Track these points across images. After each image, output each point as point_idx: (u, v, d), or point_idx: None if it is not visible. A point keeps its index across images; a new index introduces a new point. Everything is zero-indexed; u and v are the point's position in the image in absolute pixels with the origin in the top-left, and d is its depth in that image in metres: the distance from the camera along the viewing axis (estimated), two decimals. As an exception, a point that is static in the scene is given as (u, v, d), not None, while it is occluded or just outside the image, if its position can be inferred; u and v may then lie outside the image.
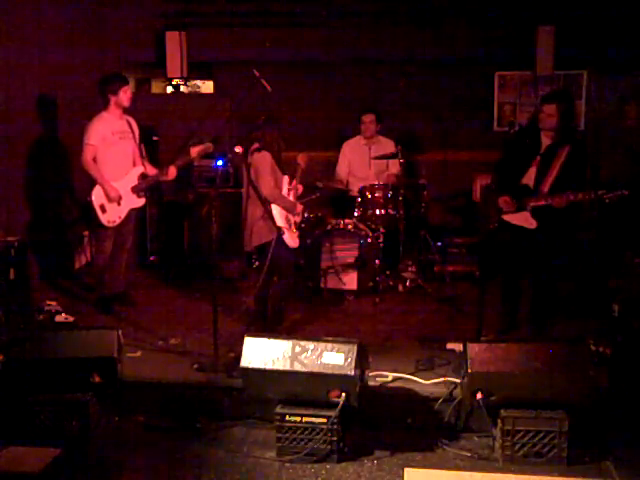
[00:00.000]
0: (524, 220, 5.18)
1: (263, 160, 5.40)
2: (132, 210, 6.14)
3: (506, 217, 5.23)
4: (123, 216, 6.04)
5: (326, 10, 8.00)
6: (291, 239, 5.52)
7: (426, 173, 7.42)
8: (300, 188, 5.81)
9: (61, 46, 7.13)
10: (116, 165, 5.98)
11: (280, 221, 5.44)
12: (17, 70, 6.44)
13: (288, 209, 5.56)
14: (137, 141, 6.16)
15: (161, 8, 8.27)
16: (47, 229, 6.83)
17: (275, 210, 5.45)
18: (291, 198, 5.66)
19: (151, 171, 6.18)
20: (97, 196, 5.91)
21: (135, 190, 6.06)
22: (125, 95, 5.97)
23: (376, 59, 8.16)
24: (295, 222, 5.68)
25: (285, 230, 5.42)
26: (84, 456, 4.13)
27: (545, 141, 5.19)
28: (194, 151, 5.94)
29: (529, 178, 5.20)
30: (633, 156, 7.00)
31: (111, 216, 5.97)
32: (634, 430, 4.20)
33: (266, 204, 5.39)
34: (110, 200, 5.92)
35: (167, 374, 4.82)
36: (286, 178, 5.65)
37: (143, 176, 6.11)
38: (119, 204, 5.99)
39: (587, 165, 5.18)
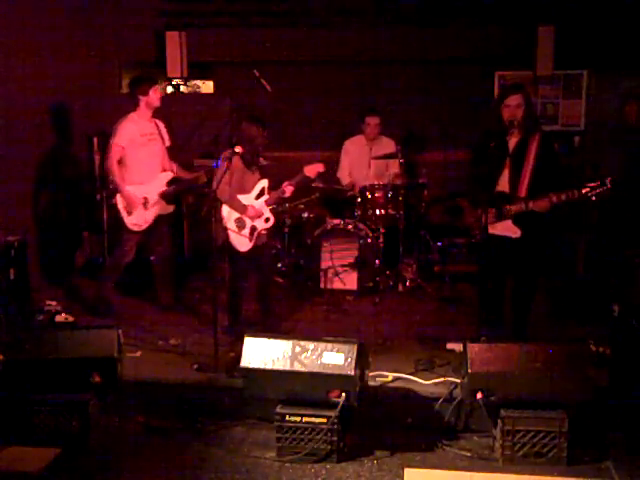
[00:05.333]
0: (507, 229, 4.99)
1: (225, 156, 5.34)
2: (161, 217, 5.97)
3: (489, 229, 4.96)
4: (150, 221, 5.89)
5: (326, 10, 8.00)
6: (237, 241, 5.46)
7: (426, 173, 7.41)
8: (290, 190, 5.63)
9: (60, 46, 7.13)
10: (144, 168, 5.85)
11: (229, 222, 5.42)
12: (15, 70, 6.45)
13: (237, 209, 5.48)
14: (166, 145, 6.04)
15: (161, 8, 8.27)
16: (47, 229, 6.83)
17: (225, 211, 5.42)
18: (262, 200, 5.58)
19: (184, 175, 6.06)
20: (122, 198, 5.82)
21: (164, 196, 5.92)
22: (155, 95, 5.86)
23: (376, 59, 8.16)
24: (253, 226, 5.54)
25: (231, 232, 5.39)
26: (84, 456, 4.13)
27: (511, 140, 4.98)
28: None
29: (503, 183, 5.00)
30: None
31: (137, 219, 5.83)
32: (634, 430, 4.20)
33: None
34: (126, 208, 5.79)
35: (167, 374, 4.82)
36: (264, 181, 5.60)
37: (172, 182, 5.98)
38: (146, 208, 5.85)
39: (558, 157, 5.05)
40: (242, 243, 5.51)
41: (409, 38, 8.04)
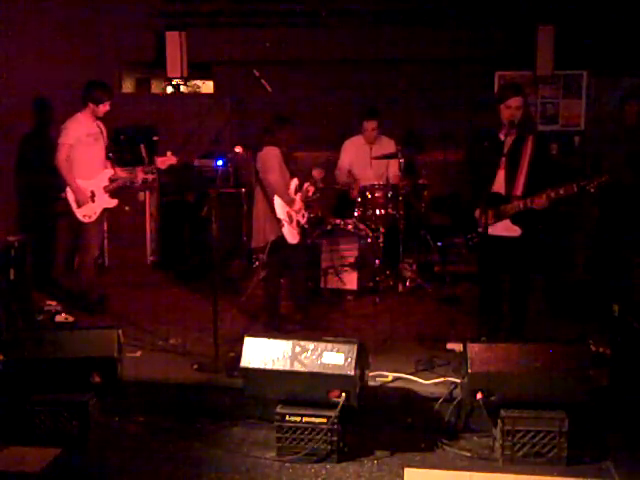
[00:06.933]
0: (506, 229, 4.96)
1: (271, 154, 5.55)
2: (105, 211, 6.20)
3: (489, 229, 4.91)
4: (98, 213, 6.10)
5: (326, 10, 8.00)
6: (290, 233, 5.59)
7: (426, 173, 7.41)
8: (311, 190, 5.97)
9: (60, 45, 7.14)
10: (89, 165, 6.06)
11: (281, 214, 5.53)
12: (15, 70, 6.45)
13: (287, 202, 5.65)
14: (106, 144, 6.23)
15: (161, 8, 8.28)
16: (43, 227, 6.84)
17: (277, 202, 5.54)
18: (298, 196, 5.78)
19: (121, 173, 6.24)
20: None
21: (106, 191, 6.13)
22: (104, 108, 6.06)
23: (376, 59, 8.16)
24: (298, 220, 5.75)
25: (285, 223, 5.49)
26: (84, 456, 4.13)
27: (506, 139, 4.95)
28: (159, 161, 6.15)
29: (499, 183, 4.97)
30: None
31: (87, 210, 6.03)
32: (634, 430, 4.20)
33: (270, 196, 5.50)
34: (77, 201, 5.97)
35: (167, 374, 4.82)
36: (295, 180, 5.76)
37: (112, 179, 6.15)
38: (93, 201, 6.06)
39: (552, 157, 5.02)
40: (293, 235, 5.67)
41: (409, 38, 8.05)
